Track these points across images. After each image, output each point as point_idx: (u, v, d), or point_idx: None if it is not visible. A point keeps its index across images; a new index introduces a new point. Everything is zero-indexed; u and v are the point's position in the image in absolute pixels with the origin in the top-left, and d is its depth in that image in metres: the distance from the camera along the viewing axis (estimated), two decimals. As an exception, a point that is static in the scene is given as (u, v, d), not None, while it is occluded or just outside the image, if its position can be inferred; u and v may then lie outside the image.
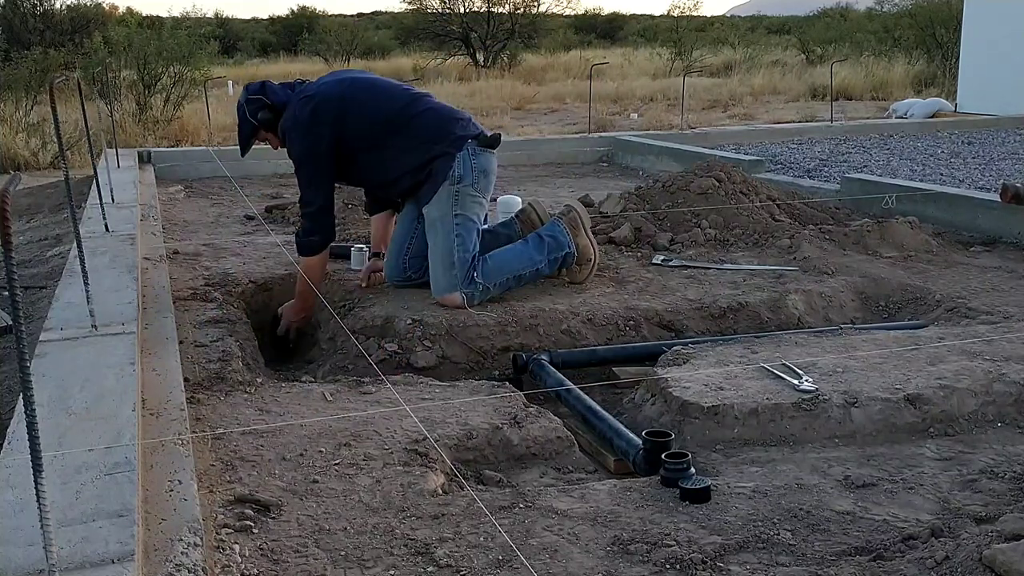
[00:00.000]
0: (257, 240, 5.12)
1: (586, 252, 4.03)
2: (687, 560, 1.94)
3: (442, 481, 2.35)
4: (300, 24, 34.53)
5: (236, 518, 2.07)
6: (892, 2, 31.55)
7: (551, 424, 2.70)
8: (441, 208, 3.78)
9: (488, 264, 3.78)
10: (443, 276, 3.72)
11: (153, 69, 13.14)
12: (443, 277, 3.71)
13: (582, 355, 3.44)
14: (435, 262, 3.76)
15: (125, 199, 5.26)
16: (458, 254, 3.71)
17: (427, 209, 3.82)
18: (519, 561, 1.93)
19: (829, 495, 2.27)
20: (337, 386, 2.97)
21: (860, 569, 1.90)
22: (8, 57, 15.25)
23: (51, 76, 10.14)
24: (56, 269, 4.43)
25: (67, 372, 2.45)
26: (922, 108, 12.90)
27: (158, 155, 8.25)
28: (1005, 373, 2.87)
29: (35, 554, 1.54)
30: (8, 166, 9.78)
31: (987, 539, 1.85)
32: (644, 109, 15.14)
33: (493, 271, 3.78)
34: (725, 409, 2.68)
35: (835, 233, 4.84)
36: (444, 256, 3.73)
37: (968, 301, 3.86)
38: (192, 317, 3.60)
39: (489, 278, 3.76)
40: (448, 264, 3.71)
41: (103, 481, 1.84)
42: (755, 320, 3.81)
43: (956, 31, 15.82)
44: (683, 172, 5.43)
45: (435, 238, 3.78)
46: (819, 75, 18.60)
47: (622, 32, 40.77)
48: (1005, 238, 5.03)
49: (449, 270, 3.71)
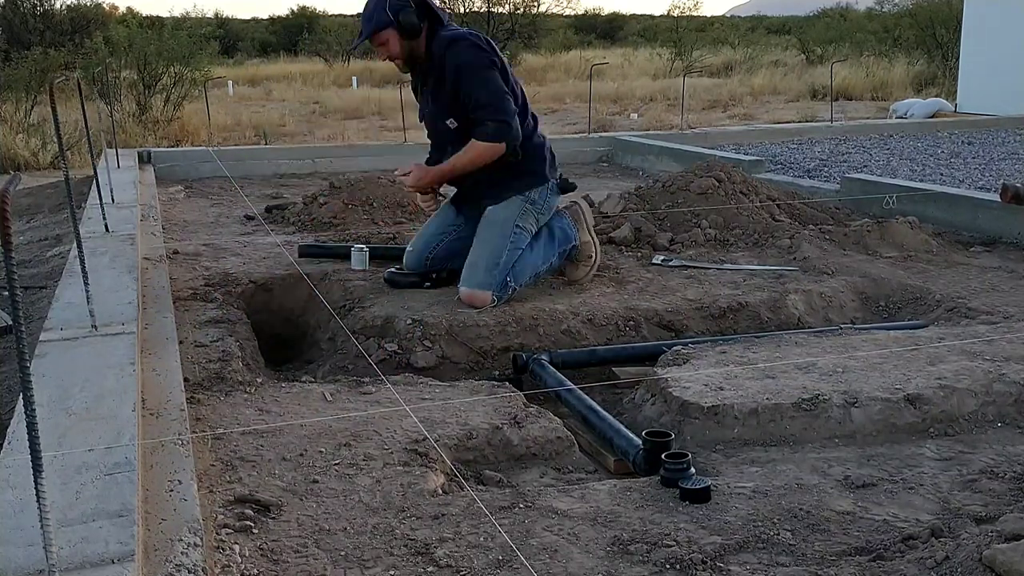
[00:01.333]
0: (257, 240, 5.12)
1: (587, 249, 4.05)
2: (687, 560, 1.94)
3: (442, 481, 2.35)
4: (300, 24, 34.55)
5: (236, 518, 2.07)
6: (892, 2, 31.59)
7: (551, 424, 2.70)
8: (509, 212, 3.88)
9: (517, 268, 3.84)
10: (484, 273, 3.74)
11: (153, 69, 13.16)
12: (484, 274, 3.74)
13: (582, 355, 3.44)
14: (481, 256, 3.78)
15: (125, 199, 5.26)
16: (505, 258, 3.78)
17: (494, 208, 3.89)
18: (519, 561, 1.93)
19: (829, 495, 2.27)
20: (337, 386, 2.97)
21: (860, 569, 1.90)
22: (8, 57, 15.26)
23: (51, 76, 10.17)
24: (56, 269, 4.43)
25: (67, 372, 2.45)
26: (922, 108, 12.91)
27: (158, 155, 8.24)
28: (1005, 373, 2.87)
29: (35, 554, 1.54)
30: (8, 166, 9.78)
31: (987, 539, 1.85)
32: (644, 109, 15.15)
33: (519, 273, 3.85)
34: (725, 409, 2.68)
35: (835, 233, 4.84)
36: (493, 255, 3.77)
37: (968, 301, 3.86)
38: (192, 317, 3.60)
39: (517, 280, 3.83)
40: (493, 264, 3.75)
41: (103, 481, 1.84)
42: (755, 320, 3.81)
43: (956, 31, 15.83)
44: (683, 172, 5.44)
45: (491, 236, 3.84)
46: (819, 75, 18.62)
47: (622, 32, 40.80)
48: (1005, 238, 5.03)
49: (492, 270, 3.75)
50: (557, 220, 4.05)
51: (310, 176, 8.00)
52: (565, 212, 4.08)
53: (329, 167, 8.27)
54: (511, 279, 3.78)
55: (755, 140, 9.97)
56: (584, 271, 4.06)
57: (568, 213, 4.07)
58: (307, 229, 5.29)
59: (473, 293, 3.72)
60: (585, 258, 4.05)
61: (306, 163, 8.41)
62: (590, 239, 4.07)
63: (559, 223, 4.04)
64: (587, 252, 4.06)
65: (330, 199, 5.55)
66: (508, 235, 3.83)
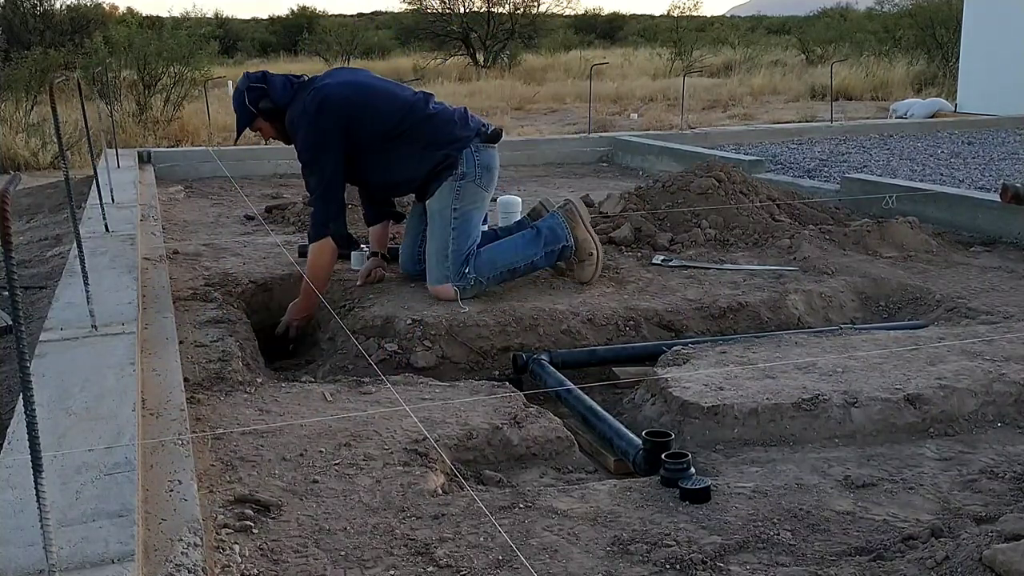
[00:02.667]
0: (257, 240, 5.12)
1: (586, 246, 4.02)
2: (687, 560, 1.94)
3: (442, 481, 2.35)
4: (300, 24, 34.52)
5: (236, 518, 2.07)
6: (892, 2, 31.56)
7: (551, 424, 2.70)
8: (442, 201, 3.84)
9: (481, 257, 3.82)
10: (436, 267, 3.78)
11: (153, 69, 13.15)
12: (436, 268, 3.78)
13: (582, 355, 3.44)
14: (431, 253, 3.83)
15: (125, 199, 5.26)
16: (452, 247, 3.77)
17: (429, 202, 3.89)
18: (519, 561, 1.93)
19: (829, 495, 2.27)
20: (337, 386, 2.97)
21: (860, 569, 1.90)
22: (8, 57, 15.25)
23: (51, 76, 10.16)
24: (56, 269, 4.43)
25: (67, 372, 2.45)
26: (922, 108, 12.90)
27: (158, 155, 8.24)
28: (1005, 373, 2.87)
29: (35, 554, 1.54)
30: (8, 166, 9.78)
31: (987, 539, 1.85)
32: (644, 109, 15.15)
33: (485, 264, 3.81)
34: (725, 409, 2.68)
35: (835, 233, 4.83)
36: (439, 248, 3.79)
37: (968, 301, 3.86)
38: (192, 317, 3.60)
39: (481, 271, 3.79)
40: (442, 256, 3.77)
41: (103, 481, 1.84)
42: (755, 320, 3.81)
43: (956, 31, 15.83)
44: (683, 172, 5.43)
45: (433, 230, 3.86)
46: (819, 75, 18.62)
47: (622, 32, 40.78)
48: (1005, 238, 5.03)
49: (442, 262, 3.77)
50: (547, 219, 4.02)
51: (310, 176, 7.99)
52: (558, 211, 4.06)
53: (329, 167, 8.26)
54: (469, 269, 3.76)
55: (755, 140, 9.97)
56: (591, 270, 4.03)
57: (562, 212, 4.03)
58: (307, 229, 5.28)
59: (434, 289, 3.77)
60: (586, 256, 4.02)
61: (306, 163, 8.39)
62: (588, 236, 4.03)
63: (548, 222, 4.00)
64: (587, 249, 4.02)
65: (330, 199, 5.54)
66: (448, 223, 3.81)
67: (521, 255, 3.91)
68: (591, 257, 4.03)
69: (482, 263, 3.80)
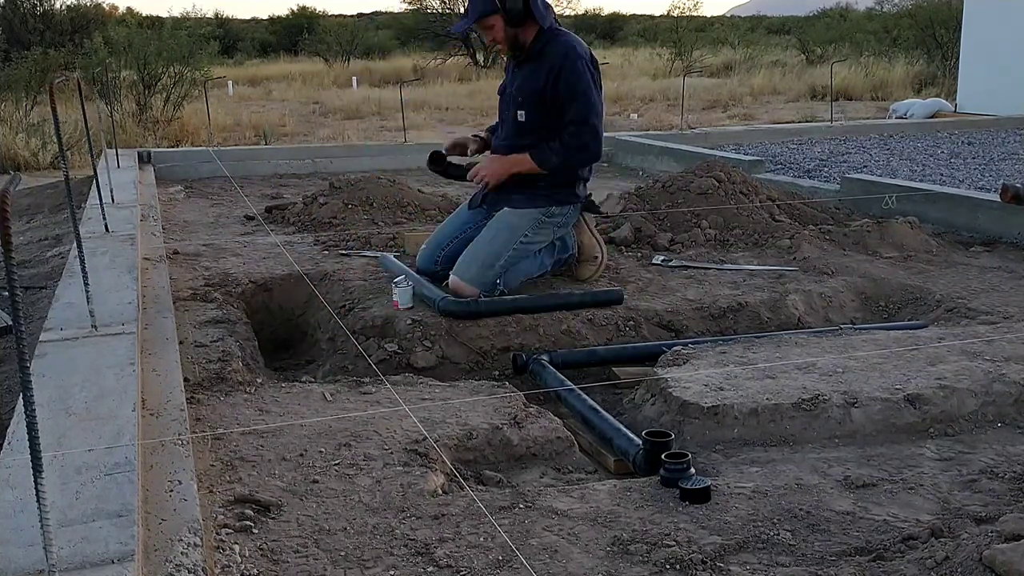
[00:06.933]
0: (257, 240, 5.12)
1: (591, 250, 4.08)
2: (687, 560, 1.94)
3: (442, 481, 2.35)
4: (300, 24, 34.52)
5: (236, 518, 2.07)
6: (892, 2, 31.59)
7: (551, 424, 2.70)
8: (523, 221, 3.88)
9: (510, 273, 3.88)
10: (479, 270, 3.78)
11: (153, 69, 13.14)
12: (478, 271, 3.78)
13: (582, 355, 3.44)
14: (480, 252, 3.82)
15: (125, 199, 5.26)
16: (503, 262, 3.82)
17: (508, 213, 3.90)
18: (519, 561, 1.93)
19: (829, 495, 2.27)
20: (337, 386, 2.97)
21: (860, 569, 1.90)
22: (8, 57, 15.26)
23: (51, 76, 10.16)
24: (56, 269, 4.43)
25: (67, 372, 2.45)
26: (922, 108, 12.90)
27: (158, 155, 8.25)
28: (1005, 373, 2.87)
29: (35, 554, 1.54)
30: (8, 166, 9.78)
31: (987, 539, 1.85)
32: (644, 109, 15.15)
33: (512, 279, 3.89)
34: (725, 409, 2.68)
35: (835, 233, 4.84)
36: (492, 256, 3.81)
37: (968, 301, 3.86)
38: (192, 317, 3.60)
39: (508, 284, 3.87)
40: (490, 264, 3.79)
41: (103, 481, 1.84)
42: (755, 320, 3.81)
43: (956, 31, 15.83)
44: (683, 172, 5.43)
45: (496, 236, 3.85)
46: (819, 75, 18.62)
47: (622, 32, 40.79)
48: (1005, 238, 5.03)
49: (487, 269, 3.79)
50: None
51: (310, 176, 8.01)
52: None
53: (329, 167, 8.28)
54: (501, 282, 3.82)
55: (755, 140, 9.97)
56: (590, 270, 4.08)
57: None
58: (307, 229, 5.29)
59: (462, 285, 3.75)
60: (590, 258, 4.08)
61: (306, 163, 8.41)
62: (593, 240, 4.09)
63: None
64: (591, 252, 4.08)
65: (330, 199, 5.55)
66: (513, 242, 3.85)
67: (538, 265, 4.00)
68: (595, 260, 4.10)
69: (509, 277, 3.87)
